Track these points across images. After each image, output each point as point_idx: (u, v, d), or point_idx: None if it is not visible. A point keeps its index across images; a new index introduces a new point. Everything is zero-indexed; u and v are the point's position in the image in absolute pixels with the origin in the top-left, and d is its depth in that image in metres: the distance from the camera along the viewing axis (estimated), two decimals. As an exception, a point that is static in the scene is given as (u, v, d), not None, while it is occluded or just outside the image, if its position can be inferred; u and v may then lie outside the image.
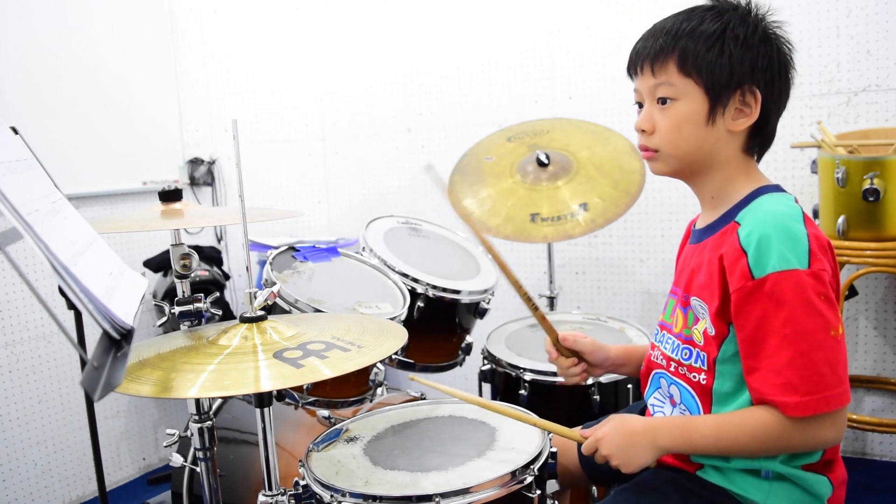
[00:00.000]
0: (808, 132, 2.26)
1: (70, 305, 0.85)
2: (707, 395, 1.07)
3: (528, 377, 1.74)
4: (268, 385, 0.95)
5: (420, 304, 1.78)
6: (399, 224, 2.14)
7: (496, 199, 2.15)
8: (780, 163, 2.36)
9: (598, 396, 1.70)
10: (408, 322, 1.68)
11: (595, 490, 1.64)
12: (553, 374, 1.70)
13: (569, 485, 1.35)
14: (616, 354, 1.31)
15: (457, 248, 2.15)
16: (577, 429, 1.16)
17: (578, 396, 1.72)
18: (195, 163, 3.04)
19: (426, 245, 2.10)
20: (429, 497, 1.02)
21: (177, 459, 1.43)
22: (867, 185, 1.89)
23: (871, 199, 1.89)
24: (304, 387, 1.54)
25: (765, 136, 1.08)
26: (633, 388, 1.73)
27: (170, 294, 2.53)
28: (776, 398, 0.96)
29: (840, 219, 1.96)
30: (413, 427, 1.30)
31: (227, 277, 2.97)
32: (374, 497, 1.04)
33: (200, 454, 1.38)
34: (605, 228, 2.10)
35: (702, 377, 1.07)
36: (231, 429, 1.73)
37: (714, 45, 1.02)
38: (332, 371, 0.99)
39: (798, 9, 2.29)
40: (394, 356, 1.79)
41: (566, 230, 2.02)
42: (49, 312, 0.73)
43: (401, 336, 1.16)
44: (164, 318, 1.40)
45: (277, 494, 1.13)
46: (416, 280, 1.80)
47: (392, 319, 1.56)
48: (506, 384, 1.84)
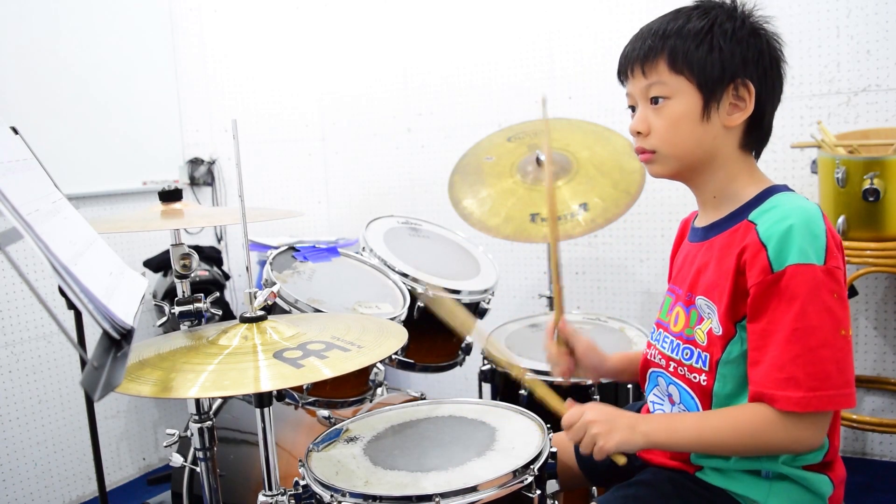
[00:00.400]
0: (808, 132, 2.26)
1: (70, 305, 0.85)
2: (707, 397, 1.06)
3: (528, 377, 1.74)
4: (268, 385, 0.95)
5: (420, 304, 1.78)
6: (399, 224, 2.14)
7: (496, 199, 2.15)
8: (780, 163, 2.36)
9: (599, 396, 1.70)
10: (408, 322, 1.68)
11: (595, 490, 1.64)
12: (551, 375, 1.70)
13: (568, 486, 1.35)
14: (615, 362, 1.30)
15: (457, 248, 2.15)
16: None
17: (578, 397, 1.71)
18: (195, 163, 3.04)
19: (426, 245, 2.10)
20: (429, 497, 1.02)
21: (177, 459, 1.43)
22: (867, 185, 1.89)
23: (871, 199, 1.89)
24: (304, 387, 1.54)
25: (761, 132, 1.08)
26: (633, 389, 1.73)
27: (170, 294, 2.53)
28: (776, 391, 0.95)
29: (840, 219, 1.96)
30: (413, 427, 1.30)
31: (227, 277, 2.97)
32: (374, 497, 1.04)
33: (200, 454, 1.38)
34: (605, 228, 2.11)
35: (702, 378, 1.06)
36: (231, 429, 1.73)
37: (703, 42, 1.02)
38: (332, 371, 0.99)
39: (798, 9, 2.29)
40: (394, 356, 1.79)
41: (566, 230, 2.02)
42: (49, 312, 0.73)
43: (401, 336, 1.16)
44: (164, 318, 1.40)
45: (277, 494, 1.13)
46: (416, 280, 1.80)
47: (392, 319, 1.56)
48: (506, 384, 1.84)
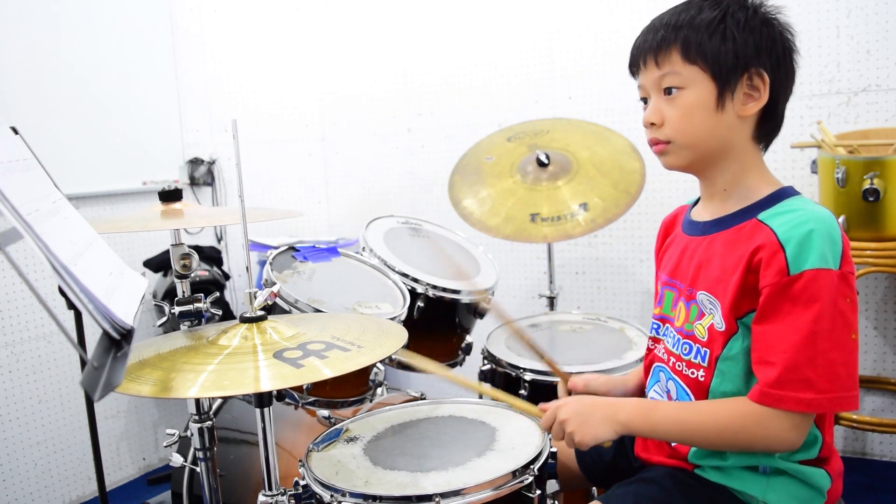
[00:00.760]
0: (808, 132, 2.26)
1: (70, 305, 0.85)
2: (703, 393, 1.06)
3: (528, 377, 1.74)
4: (268, 385, 0.95)
5: (420, 304, 1.78)
6: (399, 224, 2.14)
7: (496, 199, 2.15)
8: (780, 163, 2.36)
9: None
10: (408, 322, 1.68)
11: (595, 491, 1.64)
12: (553, 375, 1.70)
13: (568, 486, 1.35)
14: (636, 381, 1.28)
15: (457, 248, 2.15)
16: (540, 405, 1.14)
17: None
18: (195, 163, 3.04)
19: (426, 245, 2.10)
20: (429, 497, 1.02)
21: (177, 459, 1.43)
22: (867, 185, 1.89)
23: (871, 199, 1.89)
24: (304, 387, 1.54)
25: (774, 122, 1.07)
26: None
27: (170, 294, 2.53)
28: (787, 392, 0.94)
29: (840, 219, 1.96)
30: (413, 427, 1.30)
31: (227, 277, 2.97)
32: (374, 497, 1.04)
33: (200, 454, 1.38)
34: (605, 228, 2.11)
35: (700, 374, 1.06)
36: (231, 429, 1.73)
37: (716, 32, 1.02)
38: (332, 371, 0.99)
39: (798, 9, 2.29)
40: (394, 356, 1.78)
41: (566, 230, 2.02)
42: (49, 312, 0.73)
43: (401, 336, 1.16)
44: (164, 318, 1.40)
45: (277, 494, 1.13)
46: (416, 280, 1.80)
47: (392, 319, 1.56)
48: (506, 384, 1.84)
